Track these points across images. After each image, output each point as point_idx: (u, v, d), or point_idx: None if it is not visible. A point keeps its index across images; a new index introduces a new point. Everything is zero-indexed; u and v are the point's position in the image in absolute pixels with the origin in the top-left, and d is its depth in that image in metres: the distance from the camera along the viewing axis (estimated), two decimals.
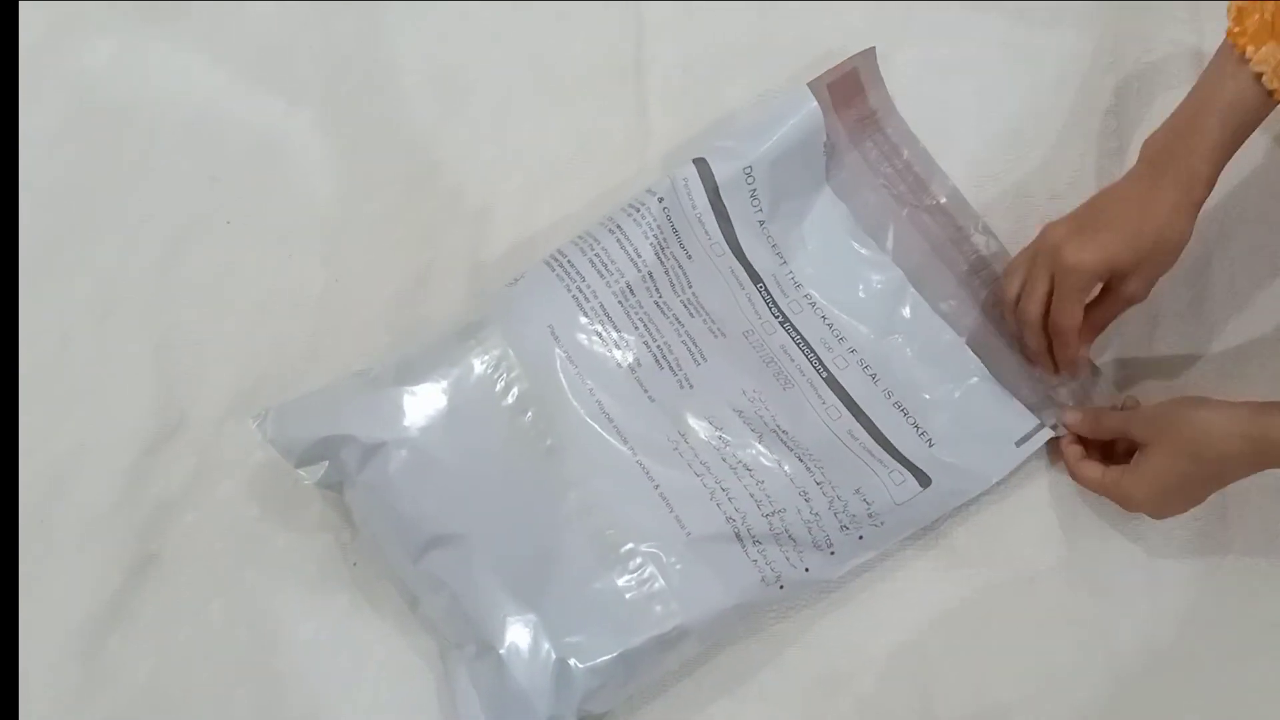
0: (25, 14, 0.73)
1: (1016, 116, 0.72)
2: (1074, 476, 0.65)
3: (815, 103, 0.66)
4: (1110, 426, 0.64)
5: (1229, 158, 0.59)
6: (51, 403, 0.68)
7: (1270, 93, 0.56)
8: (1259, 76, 0.56)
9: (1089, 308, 0.62)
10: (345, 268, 0.70)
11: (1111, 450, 0.65)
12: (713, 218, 0.64)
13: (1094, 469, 0.64)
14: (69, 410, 0.68)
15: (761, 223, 0.66)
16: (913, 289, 0.68)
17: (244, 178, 0.71)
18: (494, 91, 0.72)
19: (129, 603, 0.65)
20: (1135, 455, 0.62)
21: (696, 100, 0.72)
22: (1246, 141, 0.59)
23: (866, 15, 0.68)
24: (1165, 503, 0.61)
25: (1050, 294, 0.62)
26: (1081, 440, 0.65)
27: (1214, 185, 0.59)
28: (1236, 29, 0.57)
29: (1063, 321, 0.62)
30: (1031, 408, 0.66)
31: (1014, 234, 0.70)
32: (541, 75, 0.73)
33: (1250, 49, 0.56)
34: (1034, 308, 0.63)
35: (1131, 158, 0.70)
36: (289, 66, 0.72)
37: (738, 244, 0.65)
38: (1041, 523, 0.67)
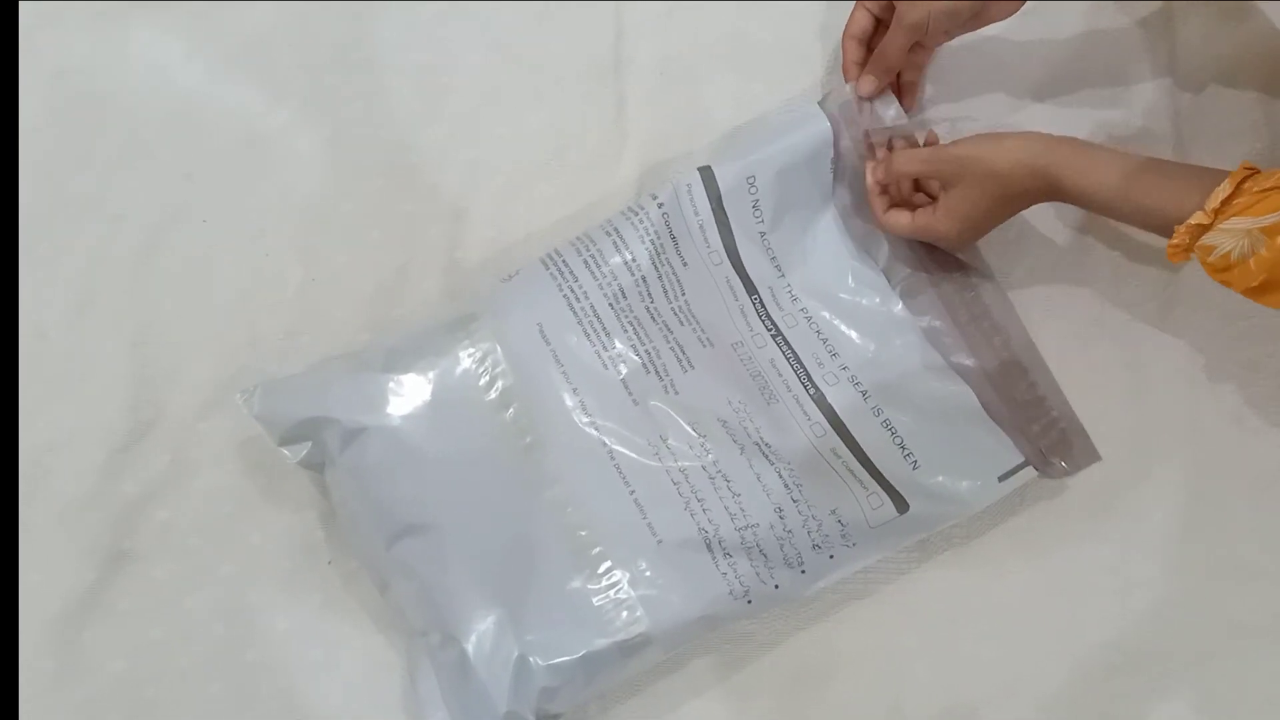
0: None
1: (992, 123, 0.72)
2: (883, 225, 0.66)
3: (826, 121, 0.65)
4: (914, 168, 0.65)
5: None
6: (26, 398, 0.68)
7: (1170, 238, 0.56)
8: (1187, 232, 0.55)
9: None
10: (322, 266, 0.70)
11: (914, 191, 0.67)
12: (714, 226, 0.64)
13: (902, 215, 0.65)
14: (44, 405, 0.68)
15: (763, 234, 0.66)
16: (910, 313, 0.66)
17: (223, 173, 0.71)
18: (473, 91, 0.72)
19: (104, 597, 0.66)
20: (941, 195, 0.64)
21: (675, 101, 0.72)
22: None
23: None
24: (969, 233, 0.64)
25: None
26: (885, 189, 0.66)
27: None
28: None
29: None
30: (1017, 444, 0.65)
31: (1001, 256, 0.70)
32: (521, 75, 0.73)
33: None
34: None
35: None
36: (270, 63, 0.72)
37: (737, 254, 0.65)
38: (1011, 525, 0.68)
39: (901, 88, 0.69)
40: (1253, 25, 0.73)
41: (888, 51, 0.65)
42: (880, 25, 0.67)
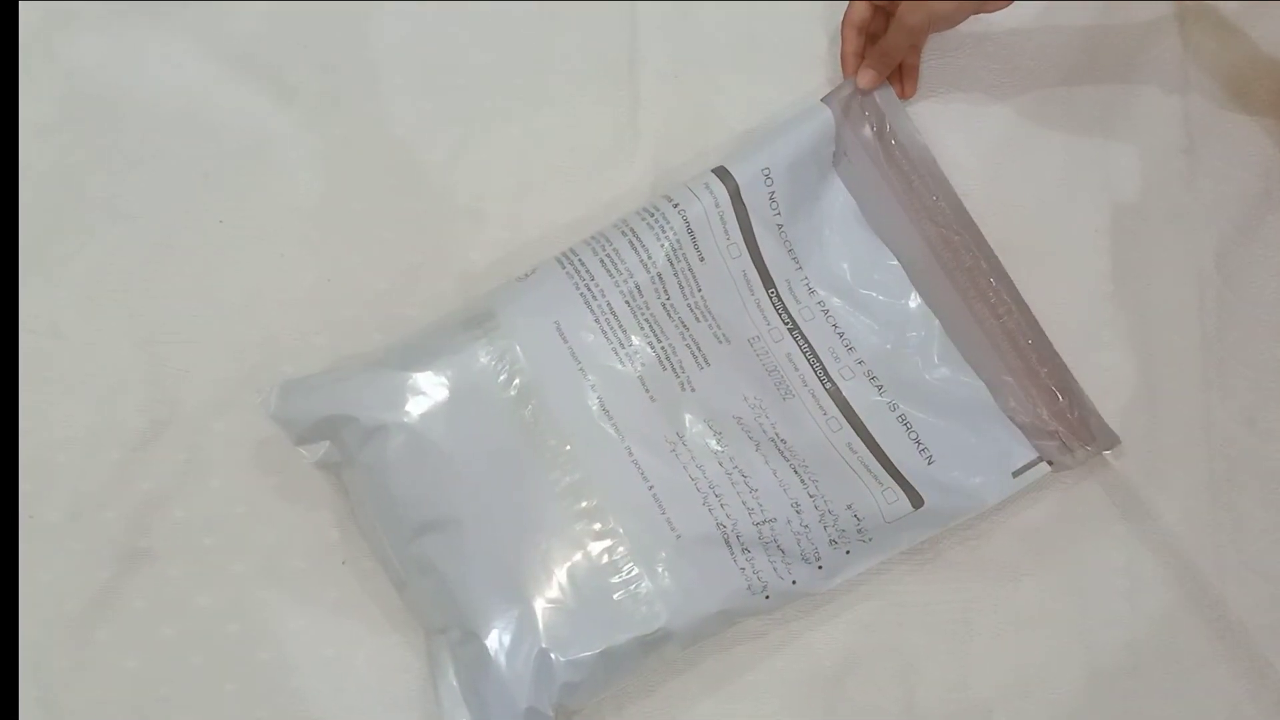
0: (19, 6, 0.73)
1: (1004, 124, 0.72)
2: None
3: (829, 114, 0.66)
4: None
5: None
6: (40, 396, 0.68)
7: None
8: None
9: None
10: (336, 266, 0.70)
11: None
12: (733, 218, 0.65)
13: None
14: (58, 404, 0.68)
15: (780, 225, 0.66)
16: (927, 306, 0.67)
17: (235, 174, 0.71)
18: (485, 91, 0.72)
19: (118, 596, 0.66)
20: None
21: (689, 101, 0.72)
22: None
23: None
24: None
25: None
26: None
27: None
28: None
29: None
30: (1031, 439, 0.65)
31: (1005, 242, 0.70)
32: (532, 75, 0.73)
33: None
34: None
35: (1115, 158, 0.71)
36: (280, 64, 0.72)
37: (756, 246, 0.65)
38: (1023, 526, 0.68)
39: (903, 70, 0.70)
40: (1265, 29, 0.73)
41: (888, 49, 0.66)
42: (879, 12, 0.67)
